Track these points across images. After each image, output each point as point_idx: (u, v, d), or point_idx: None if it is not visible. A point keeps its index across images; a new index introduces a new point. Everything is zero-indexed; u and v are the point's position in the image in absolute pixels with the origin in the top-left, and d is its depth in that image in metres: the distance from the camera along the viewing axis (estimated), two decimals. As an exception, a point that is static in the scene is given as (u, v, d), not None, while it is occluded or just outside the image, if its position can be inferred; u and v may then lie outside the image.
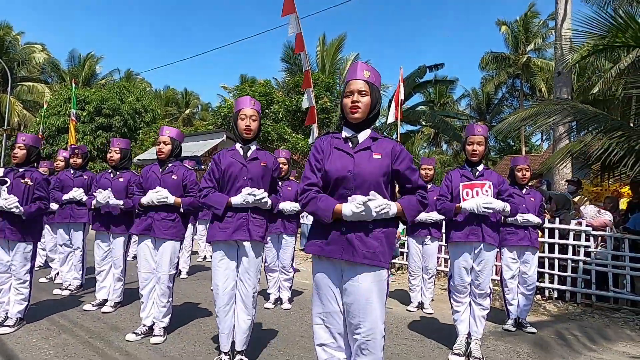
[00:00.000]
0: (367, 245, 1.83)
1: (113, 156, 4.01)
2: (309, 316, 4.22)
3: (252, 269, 2.74)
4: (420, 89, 17.65)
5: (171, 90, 40.46)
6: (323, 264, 1.95)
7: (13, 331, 3.31)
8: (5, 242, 3.40)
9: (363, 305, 1.82)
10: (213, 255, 2.74)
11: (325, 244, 1.89)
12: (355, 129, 1.96)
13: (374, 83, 1.94)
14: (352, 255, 1.83)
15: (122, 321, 3.71)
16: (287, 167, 4.42)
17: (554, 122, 7.32)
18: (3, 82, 25.56)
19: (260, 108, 2.86)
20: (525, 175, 4.04)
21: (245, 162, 2.75)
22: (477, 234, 3.16)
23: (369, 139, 1.95)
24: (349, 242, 1.83)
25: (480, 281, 3.22)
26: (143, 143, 17.66)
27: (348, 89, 1.93)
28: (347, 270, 1.88)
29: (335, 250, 1.86)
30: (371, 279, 1.84)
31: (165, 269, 3.29)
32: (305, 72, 8.43)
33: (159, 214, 3.28)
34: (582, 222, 5.49)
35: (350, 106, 1.91)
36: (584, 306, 5.23)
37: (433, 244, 4.65)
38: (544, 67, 24.64)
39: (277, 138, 13.38)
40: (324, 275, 1.94)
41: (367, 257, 1.82)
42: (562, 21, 9.00)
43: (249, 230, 2.67)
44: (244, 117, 2.73)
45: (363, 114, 1.91)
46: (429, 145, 34.21)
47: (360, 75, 1.92)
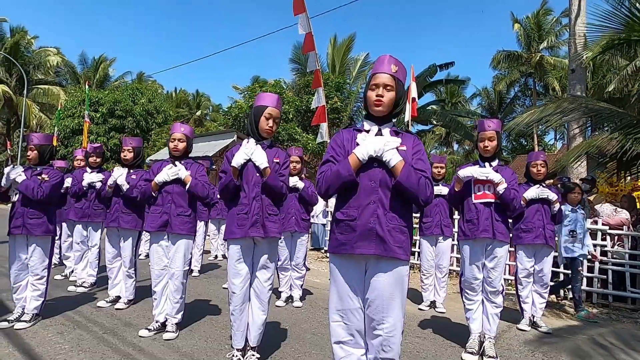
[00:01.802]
0: (396, 239, 1.84)
1: (126, 155, 4.06)
2: (320, 314, 4.21)
3: (269, 265, 2.75)
4: (431, 88, 17.52)
5: (182, 92, 40.91)
6: (343, 261, 1.93)
7: (29, 326, 3.36)
8: (24, 239, 3.46)
9: (387, 301, 1.83)
10: (229, 254, 2.74)
11: (354, 240, 1.86)
12: (378, 122, 1.96)
13: (400, 78, 1.92)
14: (384, 250, 1.82)
15: (135, 317, 3.75)
16: (299, 165, 4.40)
17: (567, 120, 7.21)
18: (19, 85, 26.12)
19: (281, 106, 2.85)
20: (540, 171, 3.96)
21: None
22: (488, 231, 3.12)
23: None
24: (379, 237, 1.83)
25: (493, 278, 3.17)
26: (155, 144, 17.88)
27: (374, 82, 1.91)
28: (373, 265, 1.88)
29: (365, 246, 1.84)
30: (396, 275, 1.85)
31: (179, 265, 3.32)
32: (315, 72, 8.45)
33: (176, 210, 3.31)
34: (598, 221, 5.39)
35: (374, 99, 1.89)
36: (600, 306, 5.14)
37: (445, 242, 4.61)
38: (558, 65, 24.28)
39: (287, 138, 13.41)
40: (344, 272, 1.93)
41: (400, 252, 1.83)
42: (575, 17, 8.86)
43: (264, 227, 2.67)
44: (269, 116, 2.70)
45: (387, 108, 1.90)
46: (440, 145, 33.96)
47: (387, 69, 1.90)
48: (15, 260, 3.46)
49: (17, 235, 3.43)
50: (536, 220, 3.93)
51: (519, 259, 4.03)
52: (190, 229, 3.35)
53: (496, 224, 3.12)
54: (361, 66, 17.90)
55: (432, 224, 4.58)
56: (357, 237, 1.85)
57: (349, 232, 1.88)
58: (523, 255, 4.01)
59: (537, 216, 3.93)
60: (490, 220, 3.13)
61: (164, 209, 3.32)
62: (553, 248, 4.04)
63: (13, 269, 3.45)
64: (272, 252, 2.78)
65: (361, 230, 1.84)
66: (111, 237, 4.13)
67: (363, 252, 1.84)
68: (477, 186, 3.18)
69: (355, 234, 1.86)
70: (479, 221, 3.14)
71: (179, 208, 3.32)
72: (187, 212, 3.35)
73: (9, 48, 25.77)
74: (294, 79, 18.36)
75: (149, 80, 35.01)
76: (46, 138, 3.65)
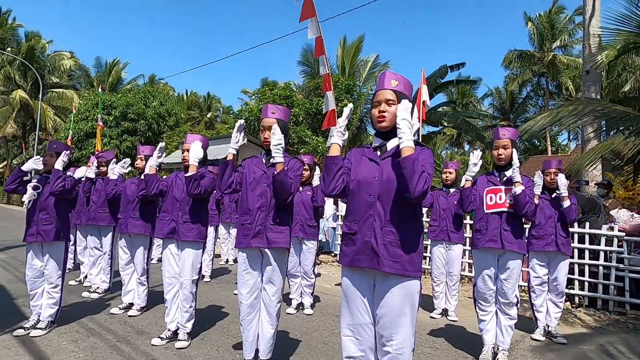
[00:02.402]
0: (390, 253, 1.81)
1: (139, 163, 4.11)
2: (331, 322, 4.20)
3: (276, 278, 2.73)
4: (442, 89, 17.40)
5: (194, 94, 41.27)
6: (353, 274, 1.94)
7: (44, 334, 3.41)
8: (39, 247, 3.52)
9: (395, 318, 1.81)
10: (238, 263, 2.77)
11: (354, 253, 1.89)
12: (384, 137, 1.97)
13: (402, 91, 1.93)
14: (377, 264, 1.82)
15: (148, 325, 3.78)
16: (308, 172, 4.40)
17: (582, 123, 7.09)
18: (35, 89, 26.62)
19: (285, 115, 2.80)
20: (554, 179, 3.89)
21: (266, 169, 2.76)
22: (495, 240, 3.09)
23: (397, 146, 1.91)
24: (373, 250, 1.83)
25: (506, 290, 3.13)
26: (167, 147, 18.04)
27: (376, 99, 1.95)
28: (380, 281, 1.88)
29: (362, 259, 1.86)
30: (404, 291, 1.82)
31: (187, 275, 3.34)
32: (325, 75, 8.42)
33: (182, 217, 3.34)
34: (614, 227, 5.28)
35: (377, 116, 1.93)
36: (617, 314, 5.03)
37: (456, 249, 4.56)
38: (571, 65, 23.87)
39: (297, 141, 13.43)
40: (354, 286, 1.93)
41: (393, 266, 1.80)
42: (590, 18, 8.72)
43: (266, 238, 2.67)
44: (263, 128, 2.73)
45: (390, 122, 1.91)
46: (451, 146, 33.67)
47: (387, 85, 1.93)
48: (31, 268, 3.52)
49: (32, 243, 3.49)
50: (548, 227, 3.87)
51: (532, 266, 3.97)
52: (196, 235, 3.35)
53: (505, 233, 3.07)
54: (371, 68, 17.82)
55: (438, 228, 4.55)
56: (356, 250, 1.89)
57: (351, 245, 1.92)
58: (535, 263, 3.95)
59: (549, 223, 3.87)
60: (498, 230, 3.09)
61: (171, 216, 3.36)
62: (568, 255, 3.95)
63: (29, 277, 3.51)
64: (280, 265, 2.75)
65: (359, 244, 1.88)
66: (124, 244, 4.18)
67: (359, 265, 1.87)
68: (489, 196, 3.15)
69: (355, 247, 1.89)
70: (487, 230, 3.12)
71: (185, 215, 3.34)
72: (195, 220, 3.35)
73: (24, 53, 26.29)
74: (304, 82, 18.37)
75: (161, 83, 35.42)
76: (65, 147, 3.72)
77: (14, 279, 5.38)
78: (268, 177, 2.72)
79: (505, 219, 3.11)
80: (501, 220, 3.11)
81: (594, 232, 5.32)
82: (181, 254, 3.37)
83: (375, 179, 1.88)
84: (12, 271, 5.84)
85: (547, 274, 3.97)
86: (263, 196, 2.70)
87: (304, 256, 4.49)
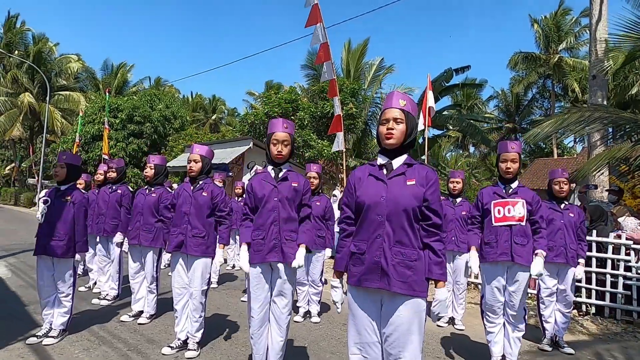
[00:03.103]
0: (399, 273, 1.84)
1: (148, 172, 4.16)
2: (338, 330, 4.23)
3: (286, 291, 2.77)
4: (447, 92, 17.40)
5: (199, 96, 41.48)
6: (360, 293, 1.96)
7: (57, 342, 3.47)
8: (49, 258, 3.56)
9: (403, 336, 1.84)
10: (249, 278, 2.78)
11: (362, 273, 1.91)
12: (390, 155, 1.99)
13: (409, 111, 1.97)
14: (387, 284, 1.84)
15: (158, 333, 3.83)
16: (317, 181, 4.43)
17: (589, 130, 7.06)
18: (42, 91, 26.88)
19: (293, 130, 2.86)
20: (563, 188, 3.88)
21: (276, 183, 2.78)
22: (506, 254, 3.09)
23: (403, 165, 1.97)
24: (382, 270, 1.86)
25: (514, 302, 3.14)
26: (172, 150, 18.13)
27: (384, 117, 1.98)
28: (387, 300, 1.89)
29: (372, 279, 1.88)
30: (412, 310, 1.84)
31: (197, 285, 3.37)
32: (331, 81, 8.47)
33: (191, 231, 3.35)
34: (621, 235, 5.27)
35: (385, 133, 1.95)
36: (624, 323, 5.02)
37: (462, 259, 4.56)
38: (577, 67, 23.76)
39: (302, 145, 13.46)
40: (361, 305, 1.95)
41: (402, 287, 1.83)
42: (596, 22, 8.67)
43: (282, 252, 2.70)
44: (276, 142, 2.74)
45: (397, 140, 1.94)
46: (456, 148, 33.57)
47: (396, 104, 1.96)
48: (42, 277, 3.56)
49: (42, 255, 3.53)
50: (558, 238, 3.85)
51: (542, 278, 3.95)
52: (205, 251, 3.36)
53: (515, 247, 3.08)
54: (376, 71, 17.86)
55: (447, 239, 4.55)
56: (365, 270, 1.90)
57: (359, 265, 1.93)
58: (545, 274, 3.92)
59: (559, 234, 3.85)
60: (509, 243, 3.10)
61: (179, 230, 3.37)
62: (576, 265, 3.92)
63: (40, 286, 3.56)
64: (290, 277, 2.78)
65: (368, 264, 1.89)
66: (134, 253, 4.23)
67: (369, 285, 1.89)
68: (497, 209, 3.16)
69: (363, 267, 1.91)
70: (498, 244, 3.12)
71: (194, 229, 3.34)
72: (203, 234, 3.36)
73: (32, 56, 26.58)
74: (308, 85, 18.42)
75: (166, 85, 35.63)
76: (76, 158, 3.76)
77: (25, 284, 5.45)
78: (279, 192, 2.75)
79: (516, 232, 3.11)
80: (511, 233, 3.11)
81: (602, 240, 5.31)
82: (190, 267, 3.39)
83: (383, 198, 1.90)
84: (23, 276, 5.91)
85: (557, 285, 3.95)
86: (275, 210, 2.73)
87: (313, 265, 4.53)
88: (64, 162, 3.64)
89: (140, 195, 4.20)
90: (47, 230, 3.49)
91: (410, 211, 1.87)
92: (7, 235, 10.81)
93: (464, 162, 32.10)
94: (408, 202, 1.87)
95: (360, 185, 2.01)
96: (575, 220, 3.89)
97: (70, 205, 3.57)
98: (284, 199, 2.75)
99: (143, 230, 4.06)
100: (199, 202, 3.39)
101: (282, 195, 2.74)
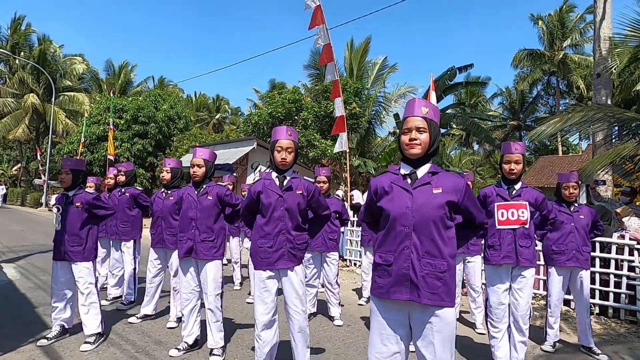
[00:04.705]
0: (429, 284, 1.81)
1: (165, 176, 4.19)
2: (342, 332, 4.25)
3: (298, 297, 2.81)
4: (450, 90, 17.36)
5: (202, 96, 41.62)
6: (385, 304, 1.92)
7: (94, 347, 3.49)
8: (67, 263, 3.61)
9: (436, 348, 1.81)
10: (255, 283, 2.83)
11: (390, 285, 1.87)
12: (413, 165, 1.94)
13: (432, 119, 1.92)
14: (417, 296, 1.81)
15: (165, 335, 3.89)
16: (327, 185, 4.46)
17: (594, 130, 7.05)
18: (47, 92, 27.10)
19: (297, 137, 2.90)
20: (573, 193, 3.82)
21: (281, 192, 2.81)
22: (510, 257, 3.11)
23: (428, 174, 1.92)
24: (412, 283, 1.82)
25: (520, 301, 3.15)
26: (177, 150, 18.23)
27: (406, 126, 1.92)
28: (416, 312, 1.86)
29: (401, 292, 1.84)
30: (443, 321, 1.82)
31: (211, 290, 3.36)
32: (334, 82, 8.51)
33: (200, 236, 3.36)
34: (625, 235, 5.27)
35: (408, 143, 1.90)
36: (628, 323, 5.03)
37: (475, 261, 4.48)
38: (582, 63, 23.66)
39: (306, 145, 13.51)
40: (385, 316, 1.91)
41: (432, 298, 1.80)
42: (600, 21, 8.64)
43: (289, 258, 2.77)
44: (280, 149, 2.78)
45: (422, 150, 1.89)
46: (460, 146, 33.49)
47: (417, 112, 1.91)
48: (57, 282, 3.63)
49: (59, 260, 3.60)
50: (569, 242, 3.77)
51: (552, 281, 3.88)
52: (215, 254, 3.38)
53: (520, 249, 3.09)
54: (379, 70, 17.85)
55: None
56: (392, 282, 1.86)
57: (386, 277, 1.89)
58: (555, 278, 3.86)
59: (571, 237, 3.78)
60: (513, 245, 3.11)
61: (188, 235, 3.37)
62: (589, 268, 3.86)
63: (54, 289, 3.63)
64: (300, 281, 2.83)
65: (396, 276, 1.85)
66: (157, 258, 4.26)
67: (397, 297, 1.84)
68: (500, 211, 3.18)
69: (390, 279, 1.86)
70: (502, 247, 3.13)
71: (202, 234, 3.35)
72: (212, 238, 3.38)
73: (37, 57, 26.78)
74: (312, 85, 18.44)
75: (170, 85, 35.77)
76: (80, 163, 3.79)
77: (34, 286, 5.54)
78: (284, 201, 2.79)
79: (520, 234, 3.12)
80: (515, 236, 3.12)
81: (605, 240, 5.32)
82: (202, 271, 3.40)
83: (409, 209, 1.85)
84: (32, 278, 6.00)
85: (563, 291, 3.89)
86: (281, 219, 2.77)
87: (328, 268, 4.56)
88: (68, 168, 3.66)
89: (158, 199, 4.25)
90: (63, 237, 3.56)
91: (439, 221, 1.83)
92: (15, 236, 10.96)
93: (468, 160, 32.01)
94: (435, 212, 1.83)
95: (383, 194, 1.96)
96: (586, 222, 3.85)
97: (81, 210, 3.62)
98: (290, 207, 2.80)
99: (167, 234, 4.08)
100: (205, 206, 3.41)
101: (288, 204, 2.79)
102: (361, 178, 16.20)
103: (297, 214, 2.81)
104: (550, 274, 3.91)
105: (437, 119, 1.96)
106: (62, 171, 3.68)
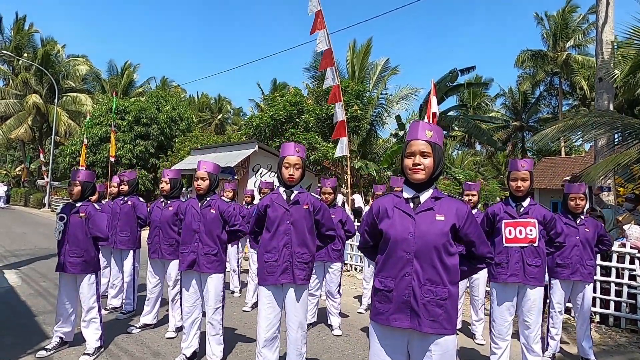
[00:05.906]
0: (430, 312, 1.78)
1: (164, 187, 4.20)
2: (340, 342, 4.25)
3: (298, 312, 2.83)
4: (453, 92, 17.31)
5: (204, 96, 41.69)
6: (385, 331, 1.89)
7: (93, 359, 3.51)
8: (71, 275, 3.61)
9: None
10: (260, 297, 2.86)
11: (390, 312, 1.84)
12: (416, 189, 1.91)
13: (436, 142, 1.88)
14: (418, 324, 1.78)
15: (163, 346, 3.89)
16: (332, 196, 4.48)
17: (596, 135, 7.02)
18: (50, 93, 27.20)
19: (305, 153, 2.91)
20: (579, 204, 3.77)
21: (288, 206, 2.84)
22: (517, 275, 3.08)
23: (431, 199, 1.88)
24: (413, 310, 1.80)
25: (530, 322, 3.11)
26: (179, 152, 18.25)
27: (409, 150, 1.88)
28: (416, 339, 1.83)
29: (401, 319, 1.81)
30: (443, 349, 1.79)
31: (212, 303, 3.37)
32: (334, 87, 8.50)
33: (203, 249, 3.35)
34: (626, 244, 5.24)
35: (412, 168, 1.86)
36: (628, 332, 5.00)
37: (478, 275, 4.44)
38: (585, 64, 23.53)
39: (307, 147, 13.51)
40: (384, 342, 1.89)
41: (433, 326, 1.78)
42: (603, 24, 8.60)
43: (293, 274, 2.78)
44: (288, 165, 2.80)
45: (426, 175, 1.86)
46: (462, 146, 33.41)
47: (422, 136, 1.87)
48: (62, 294, 3.64)
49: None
50: (573, 255, 3.73)
51: (554, 294, 3.86)
52: (217, 267, 3.39)
53: (528, 268, 3.05)
54: (381, 72, 17.81)
55: None
56: (393, 308, 1.83)
57: (386, 303, 1.85)
58: (558, 291, 3.84)
59: (575, 251, 3.74)
60: (520, 264, 3.07)
61: (190, 248, 3.37)
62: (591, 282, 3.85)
63: (59, 302, 3.64)
64: (302, 299, 2.85)
65: (396, 302, 1.82)
66: (154, 268, 4.27)
67: (398, 325, 1.81)
68: (508, 229, 3.13)
69: (391, 305, 1.83)
70: (509, 265, 3.09)
71: (205, 247, 3.35)
72: (215, 251, 3.37)
73: (40, 58, 26.88)
74: (314, 87, 18.43)
75: (172, 85, 35.83)
76: (90, 176, 3.78)
77: (34, 293, 5.55)
78: (291, 215, 2.82)
79: (528, 252, 3.08)
80: (523, 254, 3.08)
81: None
82: (204, 285, 3.41)
83: (411, 234, 1.82)
84: (32, 285, 6.02)
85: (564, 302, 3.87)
86: (287, 234, 2.80)
87: (330, 278, 4.57)
88: (78, 180, 3.66)
89: (157, 209, 4.25)
90: (65, 248, 3.56)
91: (441, 248, 1.80)
92: (17, 239, 10.98)
93: (470, 160, 31.94)
94: (438, 239, 1.80)
95: (385, 218, 1.92)
96: (592, 235, 3.81)
97: (84, 221, 3.61)
98: (296, 222, 2.82)
99: (164, 244, 4.10)
100: (208, 219, 3.40)
101: (294, 218, 2.81)
102: (363, 180, 16.19)
103: (303, 229, 2.83)
104: (553, 286, 3.89)
105: (440, 142, 1.92)
106: (72, 183, 3.68)
